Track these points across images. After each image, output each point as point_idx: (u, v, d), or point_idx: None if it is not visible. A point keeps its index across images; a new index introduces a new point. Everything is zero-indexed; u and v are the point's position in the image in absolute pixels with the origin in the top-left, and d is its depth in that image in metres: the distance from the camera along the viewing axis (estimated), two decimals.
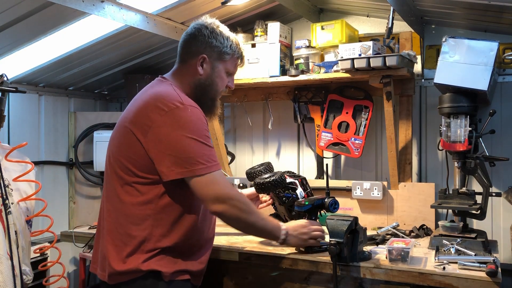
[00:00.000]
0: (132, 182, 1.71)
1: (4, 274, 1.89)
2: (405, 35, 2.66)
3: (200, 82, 1.83)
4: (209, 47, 1.82)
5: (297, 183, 2.29)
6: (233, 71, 1.91)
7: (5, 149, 2.22)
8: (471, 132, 2.14)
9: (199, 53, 1.81)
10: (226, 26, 1.90)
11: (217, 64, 1.84)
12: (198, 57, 1.81)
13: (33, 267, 2.31)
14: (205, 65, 1.82)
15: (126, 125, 1.73)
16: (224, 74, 1.87)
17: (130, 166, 1.70)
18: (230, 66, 1.88)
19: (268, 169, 2.45)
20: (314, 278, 2.09)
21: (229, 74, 1.90)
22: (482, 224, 2.45)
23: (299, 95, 2.91)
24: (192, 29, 1.86)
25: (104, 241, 1.77)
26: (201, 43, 1.81)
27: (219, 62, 1.84)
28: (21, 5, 2.13)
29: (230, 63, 1.87)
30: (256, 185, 2.21)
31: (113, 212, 1.75)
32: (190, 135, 1.64)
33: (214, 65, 1.83)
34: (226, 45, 1.83)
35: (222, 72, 1.86)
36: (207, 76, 1.83)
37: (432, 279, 1.81)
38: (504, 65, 2.53)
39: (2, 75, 2.16)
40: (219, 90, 1.88)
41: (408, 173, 2.67)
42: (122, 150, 1.73)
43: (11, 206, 2.03)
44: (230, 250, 2.20)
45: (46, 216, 2.47)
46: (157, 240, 1.70)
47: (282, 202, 2.26)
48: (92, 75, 3.26)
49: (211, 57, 1.82)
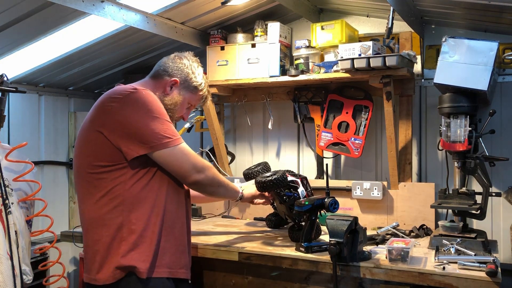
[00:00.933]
0: (101, 172, 1.73)
1: (4, 274, 1.89)
2: (405, 35, 2.66)
3: (163, 101, 1.90)
4: (184, 75, 1.96)
5: (299, 182, 2.29)
6: (194, 105, 2.05)
7: (5, 149, 2.22)
8: (471, 132, 2.14)
9: (173, 76, 1.94)
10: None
11: (184, 93, 1.96)
12: (171, 79, 1.93)
13: (33, 267, 2.31)
14: (174, 89, 1.94)
15: (85, 127, 1.79)
16: (186, 104, 1.99)
17: (96, 162, 1.73)
18: (194, 101, 2.02)
19: (265, 169, 2.45)
20: (314, 278, 2.09)
21: (188, 107, 2.03)
22: (482, 224, 2.45)
23: (299, 95, 2.91)
24: (175, 55, 2.01)
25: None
26: (178, 69, 1.95)
27: (187, 92, 1.97)
28: (21, 5, 2.13)
29: (195, 98, 2.02)
30: (258, 184, 2.21)
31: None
32: (150, 113, 1.72)
33: (181, 93, 1.96)
34: (199, 81, 1.99)
35: (185, 102, 1.98)
36: (171, 99, 1.94)
37: (432, 279, 1.81)
38: (504, 65, 2.53)
39: (2, 75, 2.16)
40: (175, 115, 1.98)
41: (408, 173, 2.67)
42: (86, 151, 1.77)
43: (11, 206, 2.03)
44: (230, 250, 2.20)
45: (46, 216, 2.48)
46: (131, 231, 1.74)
47: (283, 200, 2.25)
48: (92, 75, 3.26)
49: (182, 84, 1.95)
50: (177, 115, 1.99)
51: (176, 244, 1.84)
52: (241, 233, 2.54)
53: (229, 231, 2.60)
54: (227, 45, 2.89)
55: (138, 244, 1.72)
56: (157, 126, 1.72)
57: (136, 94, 1.73)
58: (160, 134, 1.71)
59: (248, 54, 2.82)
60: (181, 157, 1.76)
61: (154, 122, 1.71)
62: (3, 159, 2.18)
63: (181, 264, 1.85)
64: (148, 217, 1.74)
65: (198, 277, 2.35)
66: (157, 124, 1.72)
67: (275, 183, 2.16)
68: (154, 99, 1.77)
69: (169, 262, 1.79)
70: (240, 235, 2.49)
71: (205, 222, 2.85)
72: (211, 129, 3.02)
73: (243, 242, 2.29)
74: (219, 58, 2.89)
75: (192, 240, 2.30)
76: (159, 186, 1.79)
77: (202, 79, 2.01)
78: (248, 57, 2.82)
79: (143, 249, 1.72)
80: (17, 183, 2.28)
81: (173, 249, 1.82)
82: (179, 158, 1.76)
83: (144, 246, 1.72)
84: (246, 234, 2.51)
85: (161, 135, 1.71)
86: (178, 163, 1.76)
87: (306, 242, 2.09)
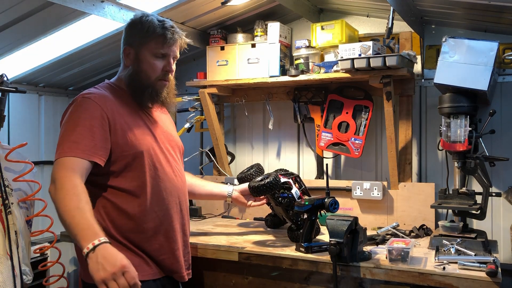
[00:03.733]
0: None
1: (4, 274, 1.89)
2: (405, 35, 2.66)
3: (129, 73, 1.83)
4: (129, 38, 1.83)
5: (291, 182, 2.29)
6: (162, 51, 1.81)
7: (5, 149, 2.22)
8: (471, 132, 2.14)
9: (123, 46, 1.85)
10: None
11: (139, 51, 1.81)
12: (124, 50, 1.84)
13: (33, 267, 2.31)
14: (130, 55, 1.83)
15: None
16: (151, 57, 1.80)
17: None
18: (155, 48, 1.80)
19: (258, 171, 2.45)
20: (314, 278, 2.09)
21: (159, 56, 1.82)
22: (482, 224, 2.45)
23: (299, 95, 2.91)
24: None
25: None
26: (124, 39, 1.85)
27: (142, 48, 1.80)
28: (21, 5, 2.13)
29: (153, 45, 1.80)
30: (251, 189, 2.22)
31: None
32: (70, 122, 1.66)
33: (137, 52, 1.81)
34: (141, 29, 1.80)
35: (147, 57, 1.80)
36: (133, 65, 1.82)
37: (432, 279, 1.81)
38: (504, 65, 2.53)
39: (2, 75, 2.16)
40: (151, 75, 1.81)
41: (408, 173, 2.67)
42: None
43: (11, 206, 2.03)
44: (230, 250, 2.20)
45: (46, 216, 2.47)
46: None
47: (279, 203, 2.26)
48: (92, 75, 3.26)
49: (132, 46, 1.82)
50: (153, 73, 1.81)
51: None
52: (241, 233, 2.54)
53: (229, 231, 2.60)
54: (227, 45, 2.89)
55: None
56: (66, 137, 1.64)
57: (73, 103, 1.72)
58: (61, 143, 1.63)
59: (248, 54, 2.82)
60: (54, 166, 1.61)
61: (67, 132, 1.65)
62: (3, 159, 2.18)
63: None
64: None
65: (198, 277, 2.35)
66: (67, 134, 1.65)
67: (268, 186, 2.17)
68: (85, 108, 1.68)
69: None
70: (240, 235, 2.49)
71: (205, 222, 2.85)
72: (211, 129, 3.02)
73: (243, 242, 2.29)
74: (219, 58, 2.89)
75: (192, 240, 2.31)
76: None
77: (148, 23, 1.79)
78: (248, 57, 2.82)
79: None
80: (17, 183, 2.27)
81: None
82: (53, 167, 1.61)
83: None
84: (246, 234, 2.51)
85: (60, 145, 1.63)
86: (53, 169, 1.61)
87: (306, 242, 2.09)
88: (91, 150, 1.63)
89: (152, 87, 1.83)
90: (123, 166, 1.73)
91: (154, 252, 1.79)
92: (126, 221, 1.74)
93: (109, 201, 1.74)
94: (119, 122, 1.73)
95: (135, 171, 1.74)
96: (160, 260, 1.81)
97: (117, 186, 1.74)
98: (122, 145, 1.72)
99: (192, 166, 3.34)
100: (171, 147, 1.94)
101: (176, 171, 1.92)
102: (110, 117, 1.71)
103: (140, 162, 1.75)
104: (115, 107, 1.75)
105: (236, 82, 2.85)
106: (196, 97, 3.04)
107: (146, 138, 1.80)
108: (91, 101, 1.70)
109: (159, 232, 1.81)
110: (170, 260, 1.84)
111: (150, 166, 1.77)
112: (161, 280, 1.83)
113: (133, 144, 1.74)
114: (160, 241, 1.81)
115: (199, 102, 3.02)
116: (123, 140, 1.72)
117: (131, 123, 1.78)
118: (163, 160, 1.84)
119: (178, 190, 1.90)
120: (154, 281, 1.80)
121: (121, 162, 1.72)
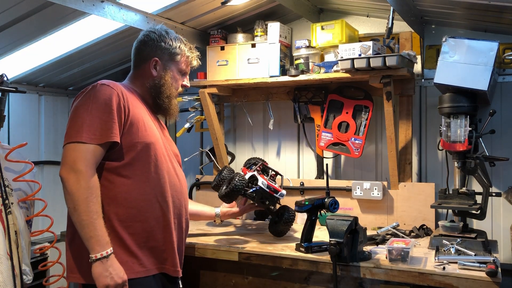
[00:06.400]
0: None
1: (4, 274, 1.89)
2: (405, 35, 2.66)
3: (154, 83, 1.94)
4: (159, 50, 1.94)
5: (256, 175, 2.32)
6: (186, 70, 2.03)
7: (5, 149, 2.22)
8: (471, 132, 2.14)
9: (151, 57, 1.94)
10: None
11: (169, 65, 1.96)
12: (151, 60, 1.93)
13: (33, 267, 2.31)
14: (158, 67, 1.94)
15: None
16: (177, 74, 1.99)
17: None
18: (182, 66, 2.00)
19: (229, 173, 2.50)
20: (314, 278, 2.09)
21: (183, 74, 2.02)
22: (482, 224, 2.45)
23: (299, 95, 2.91)
24: (142, 36, 1.99)
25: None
26: (151, 48, 1.94)
27: (171, 63, 1.97)
28: (21, 5, 2.13)
29: (182, 63, 1.99)
30: (222, 198, 2.30)
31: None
32: (86, 106, 1.70)
33: (166, 66, 1.96)
34: (175, 46, 1.96)
35: (174, 72, 1.98)
36: (160, 77, 1.94)
37: (432, 279, 1.81)
38: (504, 65, 2.53)
39: (2, 75, 2.16)
40: (173, 89, 1.98)
41: (408, 173, 2.67)
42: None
43: (11, 206, 2.03)
44: (230, 250, 2.20)
45: (46, 216, 2.47)
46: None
47: (253, 199, 2.31)
48: (92, 75, 3.26)
49: (162, 59, 1.95)
50: (175, 88, 1.99)
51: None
52: (241, 233, 2.54)
53: (229, 231, 2.60)
54: (227, 45, 2.89)
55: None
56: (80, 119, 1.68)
57: (90, 88, 1.76)
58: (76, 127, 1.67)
59: (248, 54, 2.82)
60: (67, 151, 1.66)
61: (84, 115, 1.68)
62: (3, 159, 2.18)
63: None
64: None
65: (198, 277, 2.35)
66: (85, 117, 1.68)
67: (235, 190, 2.24)
68: (103, 93, 1.72)
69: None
70: (240, 235, 2.49)
71: (205, 222, 2.85)
72: (211, 129, 3.02)
73: (243, 242, 2.29)
74: (219, 58, 2.89)
75: (192, 240, 2.32)
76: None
77: (177, 42, 1.97)
78: (248, 57, 2.82)
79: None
80: (17, 183, 2.27)
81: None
82: (65, 152, 1.67)
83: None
84: (246, 234, 2.51)
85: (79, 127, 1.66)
86: (63, 155, 1.66)
87: (306, 242, 2.09)
88: (109, 131, 1.69)
89: (170, 98, 1.96)
90: (131, 155, 1.77)
91: (152, 242, 1.80)
92: (127, 209, 1.76)
93: (113, 188, 1.76)
94: (133, 112, 1.79)
95: (141, 161, 1.79)
96: (158, 252, 1.82)
97: (123, 174, 1.77)
98: (136, 132, 1.78)
99: (192, 166, 3.34)
100: (172, 151, 2.01)
101: (178, 171, 1.97)
102: (127, 106, 1.77)
103: (147, 153, 1.80)
104: (130, 99, 1.82)
105: (236, 82, 2.85)
106: (196, 97, 3.04)
107: (155, 133, 1.87)
108: (110, 88, 1.76)
109: (159, 222, 1.82)
110: (168, 253, 1.85)
111: (154, 158, 1.82)
112: (158, 276, 1.83)
113: (143, 135, 1.80)
114: (160, 231, 1.83)
115: (199, 102, 3.02)
116: (138, 128, 1.79)
117: (143, 117, 1.85)
118: (166, 157, 1.90)
119: (179, 188, 1.94)
120: (153, 277, 1.80)
121: (130, 151, 1.77)
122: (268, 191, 2.29)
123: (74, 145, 1.66)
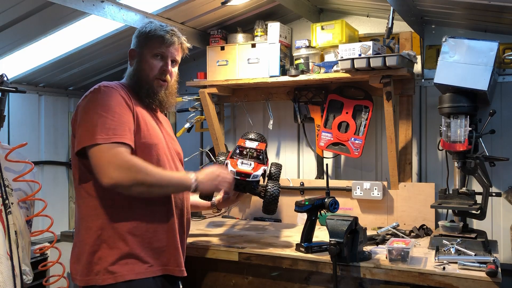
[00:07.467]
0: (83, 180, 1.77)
1: (4, 274, 1.89)
2: (405, 35, 2.66)
3: (132, 72, 1.91)
4: (135, 39, 1.93)
5: (229, 163, 2.18)
6: (159, 51, 1.88)
7: (5, 149, 2.22)
8: (471, 132, 2.14)
9: (130, 50, 1.94)
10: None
11: (141, 51, 1.90)
12: (129, 53, 1.94)
13: (33, 267, 2.31)
14: (133, 56, 1.92)
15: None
16: (151, 58, 1.88)
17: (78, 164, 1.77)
18: (154, 48, 1.88)
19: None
20: (314, 278, 2.09)
21: (158, 57, 1.89)
22: (482, 224, 2.45)
23: (299, 95, 2.91)
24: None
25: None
26: (132, 43, 1.95)
27: (143, 49, 1.89)
28: (21, 5, 2.13)
29: (153, 45, 1.88)
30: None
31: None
32: (96, 109, 1.69)
33: (139, 53, 1.90)
34: (144, 31, 1.91)
35: (147, 57, 1.88)
36: (134, 64, 1.91)
37: (432, 279, 1.81)
38: (504, 65, 2.53)
39: (2, 75, 2.16)
40: (149, 74, 1.88)
41: (408, 173, 2.67)
42: (72, 154, 1.79)
43: (11, 206, 2.03)
44: (230, 250, 2.20)
45: (46, 216, 2.47)
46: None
47: (243, 190, 2.19)
48: (92, 75, 3.26)
49: (136, 47, 1.92)
50: (150, 72, 1.87)
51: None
52: (241, 233, 2.54)
53: (229, 231, 2.60)
54: (227, 45, 2.89)
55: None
56: (97, 121, 1.67)
57: (94, 90, 1.75)
58: (95, 129, 1.65)
59: (248, 54, 2.82)
60: (103, 153, 1.64)
61: (95, 117, 1.68)
62: (3, 159, 2.18)
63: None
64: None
65: (199, 277, 2.35)
66: (98, 119, 1.67)
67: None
68: (109, 94, 1.73)
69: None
70: (240, 235, 2.49)
71: (205, 222, 2.85)
72: (211, 129, 3.02)
73: (243, 242, 2.29)
74: (219, 58, 2.89)
75: (192, 240, 2.31)
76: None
77: (147, 27, 1.90)
78: (248, 57, 2.82)
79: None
80: (17, 183, 2.27)
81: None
82: (102, 155, 1.64)
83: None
84: (246, 234, 2.51)
85: (96, 131, 1.65)
86: (100, 159, 1.64)
87: (306, 242, 2.09)
88: (126, 134, 1.70)
89: (149, 85, 1.89)
90: (134, 154, 1.76)
91: (156, 242, 1.80)
92: (130, 211, 1.76)
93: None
94: (138, 112, 1.80)
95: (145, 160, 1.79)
96: (162, 253, 1.81)
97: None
98: (139, 133, 1.77)
99: (192, 166, 3.34)
100: (174, 149, 2.00)
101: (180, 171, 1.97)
102: (132, 106, 1.78)
103: (149, 154, 1.79)
104: (132, 99, 1.82)
105: (236, 82, 2.85)
106: (196, 97, 3.04)
107: (157, 134, 1.86)
108: (114, 90, 1.76)
109: (163, 223, 1.82)
110: (171, 253, 1.84)
111: (156, 159, 1.81)
112: (159, 278, 1.82)
113: (145, 135, 1.79)
114: (163, 232, 1.82)
115: (199, 102, 3.02)
116: (140, 129, 1.78)
117: (146, 117, 1.84)
118: (169, 157, 1.90)
119: None
120: (153, 278, 1.79)
121: (133, 152, 1.75)
122: (239, 178, 2.11)
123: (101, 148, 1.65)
